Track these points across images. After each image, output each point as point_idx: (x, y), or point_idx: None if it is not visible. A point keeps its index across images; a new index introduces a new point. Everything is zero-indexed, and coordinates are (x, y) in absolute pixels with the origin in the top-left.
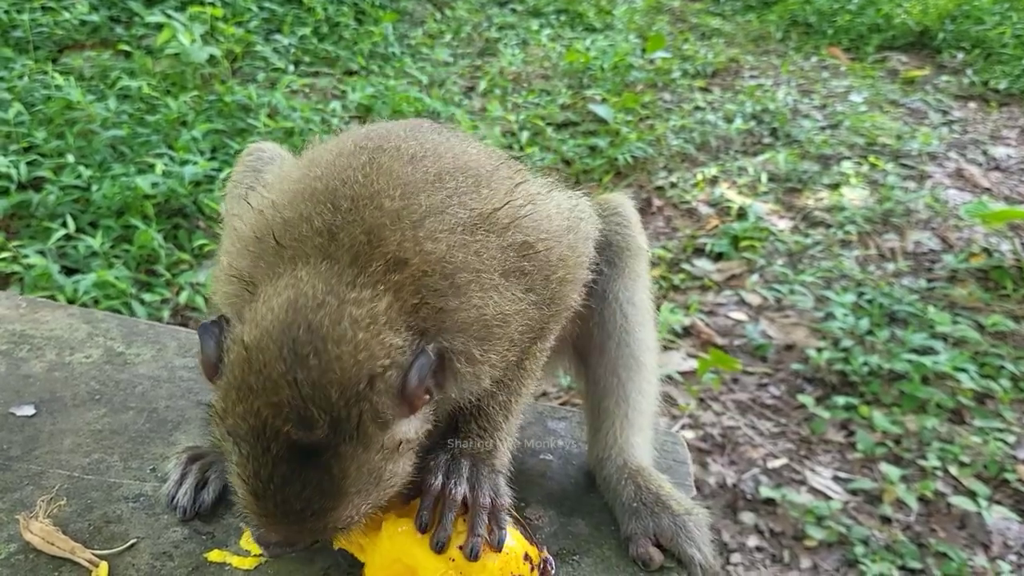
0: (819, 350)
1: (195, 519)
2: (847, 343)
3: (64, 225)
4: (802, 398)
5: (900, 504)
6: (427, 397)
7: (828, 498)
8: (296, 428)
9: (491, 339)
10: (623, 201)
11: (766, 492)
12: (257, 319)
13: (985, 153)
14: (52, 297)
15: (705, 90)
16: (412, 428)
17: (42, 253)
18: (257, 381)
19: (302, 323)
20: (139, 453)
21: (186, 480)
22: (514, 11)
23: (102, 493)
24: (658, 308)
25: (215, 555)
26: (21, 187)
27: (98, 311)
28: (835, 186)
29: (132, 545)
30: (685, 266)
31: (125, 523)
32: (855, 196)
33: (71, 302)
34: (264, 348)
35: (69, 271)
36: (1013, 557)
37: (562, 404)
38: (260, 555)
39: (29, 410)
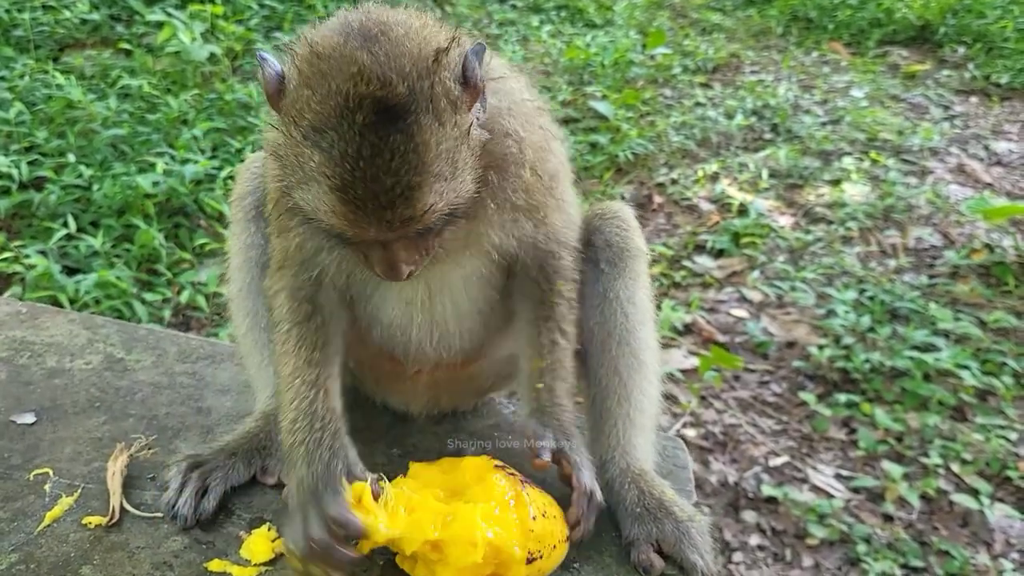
0: (821, 347)
1: (195, 528)
2: (848, 340)
3: (65, 225)
4: (804, 395)
5: (902, 502)
6: (481, 88)
7: (830, 496)
8: (380, 88)
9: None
10: (623, 206)
11: (768, 490)
12: (315, 29)
13: (987, 148)
14: (53, 297)
15: (706, 86)
16: (474, 123)
17: (43, 253)
18: (331, 65)
19: (363, 17)
20: (138, 461)
21: (187, 488)
22: (514, 7)
23: (102, 503)
24: (659, 306)
25: (215, 565)
26: (22, 187)
27: (98, 317)
28: (836, 182)
29: None
30: (686, 263)
31: (125, 532)
32: (856, 192)
33: (72, 302)
34: (331, 39)
35: (70, 271)
36: (1016, 555)
37: None
38: (260, 565)
39: (30, 418)
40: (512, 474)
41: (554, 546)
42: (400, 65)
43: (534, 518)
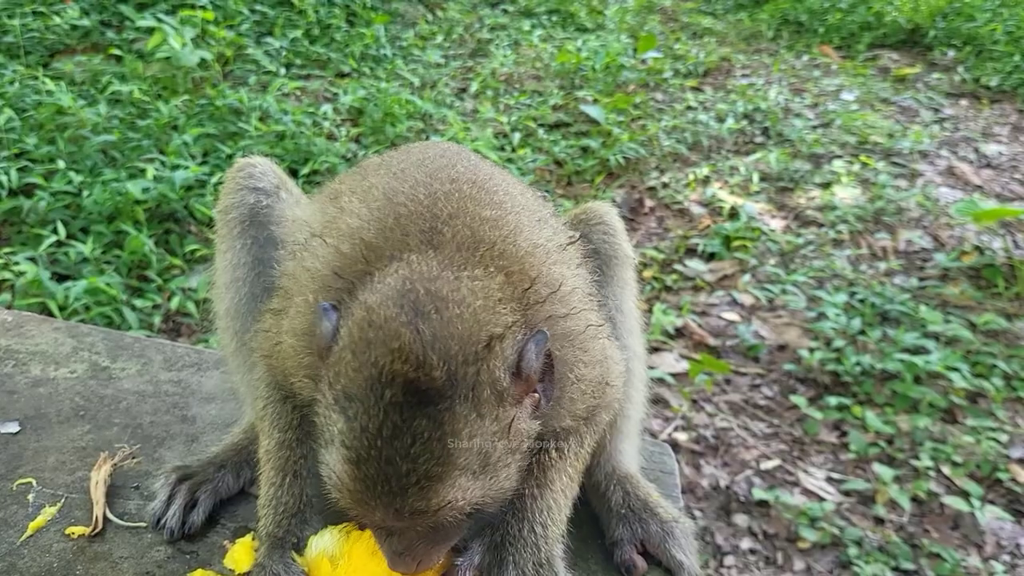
0: (811, 350)
1: (181, 539)
2: (839, 343)
3: (55, 231)
4: (795, 399)
5: (893, 505)
6: (538, 385)
7: (821, 499)
8: (414, 369)
9: (585, 354)
10: (608, 210)
11: (759, 494)
12: (375, 288)
13: (976, 151)
14: (43, 304)
15: (697, 90)
16: (523, 417)
17: (33, 260)
18: (376, 335)
19: (421, 287)
20: (122, 470)
21: (175, 501)
22: (506, 12)
23: (85, 513)
24: (650, 309)
25: (199, 574)
26: (12, 193)
27: (83, 325)
28: (827, 185)
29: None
30: (677, 267)
31: (108, 542)
32: (847, 195)
33: (62, 309)
34: (384, 307)
35: (60, 278)
36: (1006, 557)
37: None
38: (244, 574)
39: (13, 427)
40: None
41: None
42: (445, 348)
43: None
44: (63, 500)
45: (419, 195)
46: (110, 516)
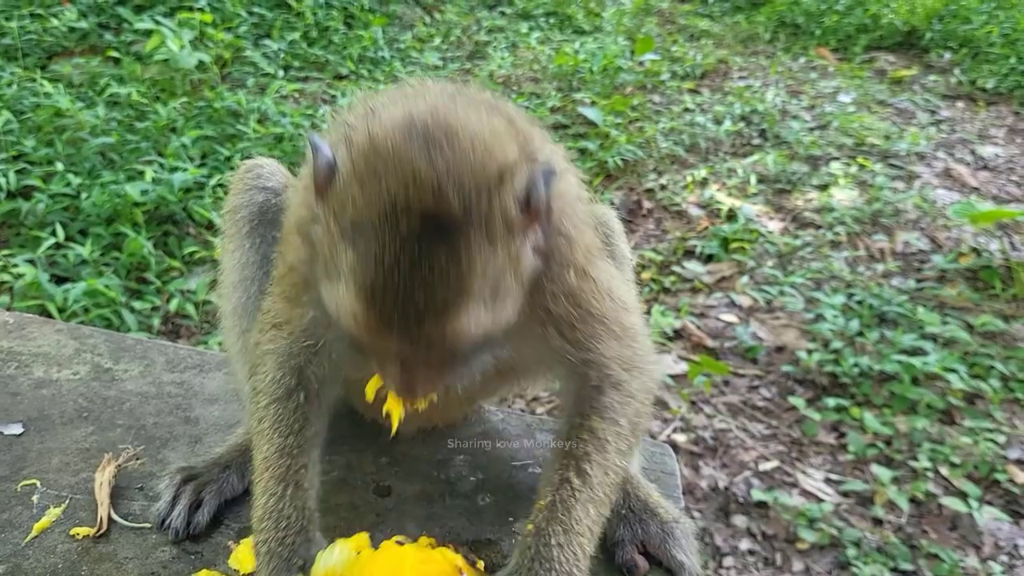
0: (809, 352)
1: (185, 540)
2: (837, 344)
3: (54, 233)
4: (793, 400)
5: (891, 505)
6: (542, 218)
7: (820, 500)
8: (432, 200)
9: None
10: (608, 211)
11: (758, 495)
12: (378, 119)
13: (973, 152)
14: (42, 306)
15: (694, 92)
16: (528, 250)
17: (32, 262)
18: (386, 165)
19: (428, 118)
20: (126, 471)
21: (179, 501)
22: (503, 14)
23: (90, 514)
24: (649, 311)
25: (204, 575)
26: (10, 196)
27: (85, 327)
28: (824, 187)
29: None
30: (675, 268)
31: (113, 543)
32: (844, 197)
33: (61, 311)
34: (391, 137)
35: (59, 280)
36: (1004, 558)
37: (556, 407)
38: (248, 575)
39: (17, 429)
40: None
41: None
42: (459, 178)
43: None
44: (67, 501)
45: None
46: (115, 517)
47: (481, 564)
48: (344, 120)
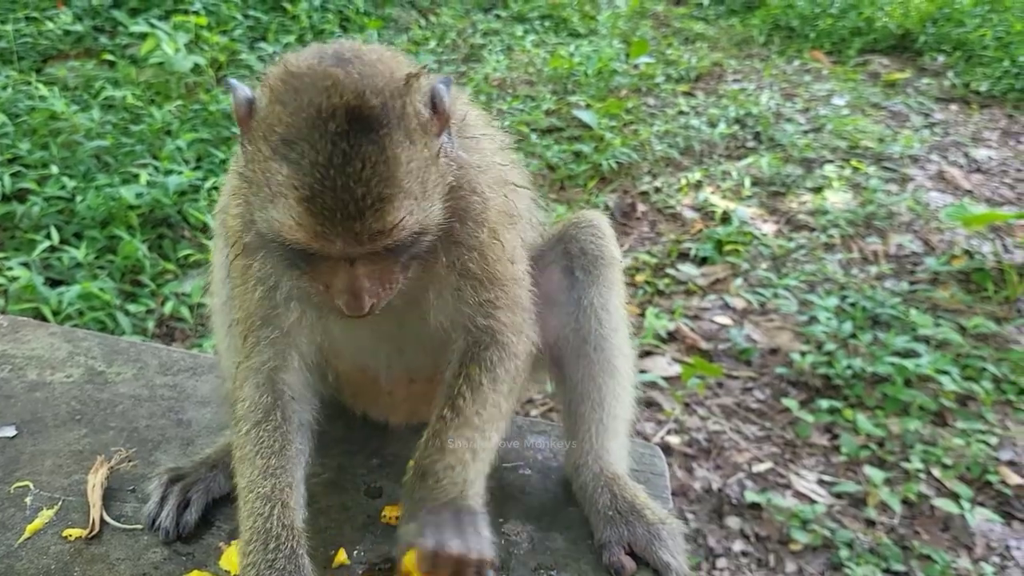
0: (803, 354)
1: (176, 540)
2: (830, 346)
3: (48, 237)
4: (786, 402)
5: (884, 507)
6: (449, 116)
7: (813, 502)
8: (354, 98)
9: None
10: (598, 215)
11: (751, 496)
12: (290, 58)
13: (966, 155)
14: (36, 309)
15: (689, 95)
16: (444, 149)
17: (26, 265)
18: (304, 82)
19: (336, 46)
20: (119, 473)
21: (168, 501)
22: (499, 17)
23: (82, 516)
24: (643, 313)
25: None
26: (5, 199)
27: (79, 330)
28: (818, 189)
29: None
30: (670, 271)
31: (105, 544)
32: (838, 199)
33: (56, 314)
34: (304, 60)
35: (54, 283)
36: (996, 559)
37: (549, 411)
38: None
39: (10, 431)
40: None
41: None
42: (373, 82)
43: None
44: (60, 503)
45: None
46: (107, 518)
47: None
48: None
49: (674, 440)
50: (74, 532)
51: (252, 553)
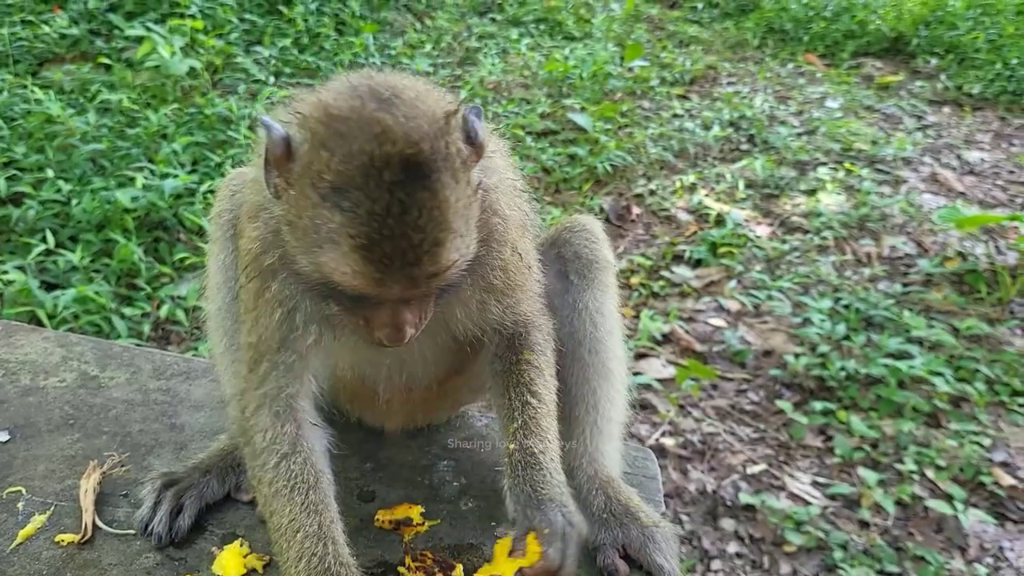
0: (797, 355)
1: (169, 546)
2: (824, 348)
3: (44, 240)
4: (780, 404)
5: (878, 508)
6: (484, 147)
7: (807, 503)
8: (406, 146)
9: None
10: (592, 220)
11: (745, 498)
12: (323, 93)
13: (959, 157)
14: (32, 313)
15: (683, 98)
16: (478, 181)
17: (22, 269)
18: (350, 127)
19: (368, 83)
20: (111, 478)
21: (161, 507)
22: (494, 20)
23: (75, 521)
24: (638, 315)
25: None
26: (0, 202)
27: (73, 335)
28: (812, 192)
29: None
30: (664, 273)
31: (98, 550)
32: (831, 202)
33: (51, 318)
34: (345, 101)
35: (49, 286)
36: (990, 560)
37: None
38: None
39: (3, 436)
40: None
41: None
42: (419, 125)
43: None
44: (52, 508)
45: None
46: (99, 524)
47: (460, 569)
48: (290, 105)
49: (669, 442)
50: (66, 537)
51: None
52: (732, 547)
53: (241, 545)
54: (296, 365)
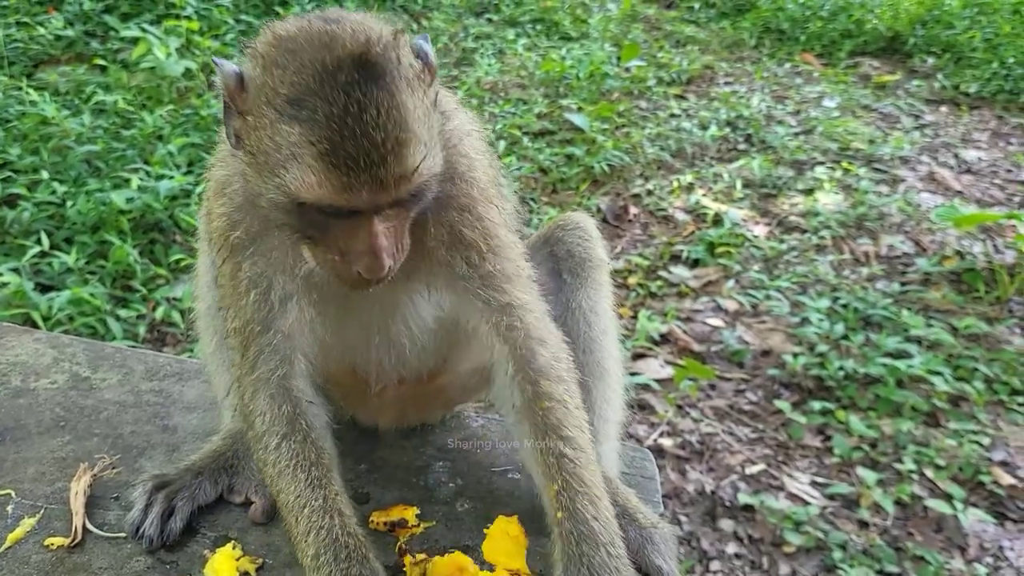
0: (795, 355)
1: (160, 548)
2: (823, 348)
3: (39, 242)
4: (779, 403)
5: (877, 508)
6: (435, 68)
7: (806, 503)
8: (360, 45)
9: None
10: (585, 218)
11: (744, 499)
12: (272, 28)
13: (956, 156)
14: (27, 315)
15: (680, 97)
16: (437, 100)
17: (16, 270)
18: (299, 43)
19: (317, 12)
20: (102, 481)
21: (152, 509)
22: (490, 21)
23: (65, 524)
24: (635, 316)
25: None
26: None
27: (64, 336)
28: (809, 191)
29: None
30: (662, 273)
31: (88, 553)
32: (829, 201)
33: (46, 319)
34: (293, 23)
35: (44, 288)
36: (989, 559)
37: None
38: None
39: None
40: None
41: None
42: (368, 32)
43: None
44: (42, 511)
45: None
46: (89, 527)
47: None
48: (243, 48)
49: (667, 442)
50: (56, 541)
51: (324, 566)
52: (731, 548)
53: (234, 548)
54: (283, 345)
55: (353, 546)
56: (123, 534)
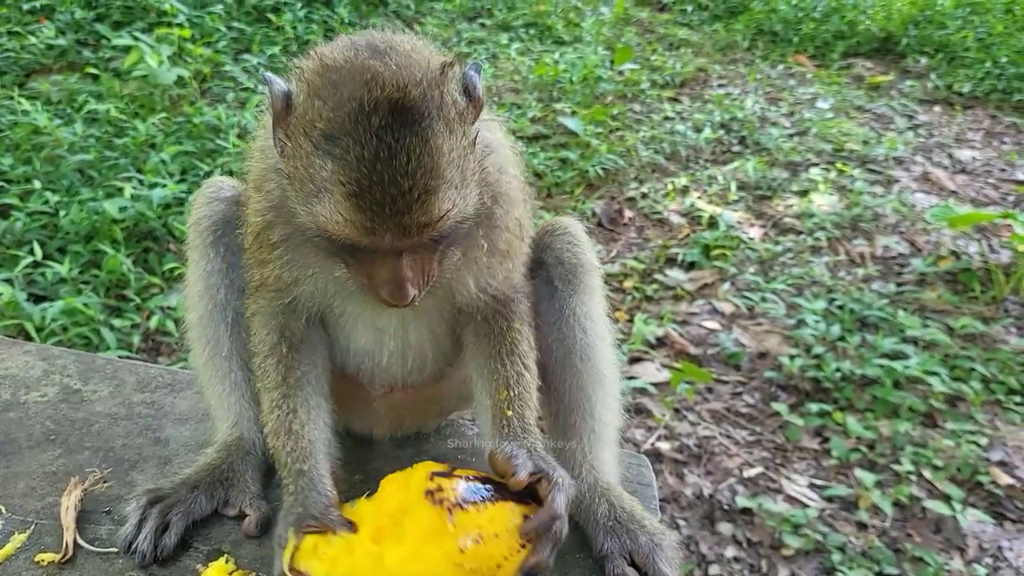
0: (792, 357)
1: (153, 564)
2: (819, 349)
3: (31, 252)
4: (776, 406)
5: (876, 510)
6: (482, 103)
7: (804, 506)
8: (396, 91)
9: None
10: (572, 222)
11: (743, 502)
12: (323, 50)
13: (950, 156)
14: (20, 326)
15: (674, 100)
16: (477, 137)
17: (9, 281)
18: (342, 75)
19: (365, 40)
20: (93, 495)
21: (146, 524)
22: (483, 25)
23: (55, 539)
24: (631, 319)
25: None
26: None
27: (55, 348)
28: (804, 193)
29: None
30: (658, 276)
31: (79, 569)
32: (824, 202)
33: (39, 330)
34: (340, 53)
35: (37, 299)
36: (988, 560)
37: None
38: None
39: None
40: (440, 500)
41: (498, 565)
42: (411, 73)
43: (463, 550)
44: (33, 527)
45: None
46: (81, 542)
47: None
48: (294, 66)
49: (664, 446)
50: (47, 557)
51: (288, 464)
52: (730, 551)
53: (227, 562)
54: (293, 303)
55: (303, 432)
56: (115, 549)
